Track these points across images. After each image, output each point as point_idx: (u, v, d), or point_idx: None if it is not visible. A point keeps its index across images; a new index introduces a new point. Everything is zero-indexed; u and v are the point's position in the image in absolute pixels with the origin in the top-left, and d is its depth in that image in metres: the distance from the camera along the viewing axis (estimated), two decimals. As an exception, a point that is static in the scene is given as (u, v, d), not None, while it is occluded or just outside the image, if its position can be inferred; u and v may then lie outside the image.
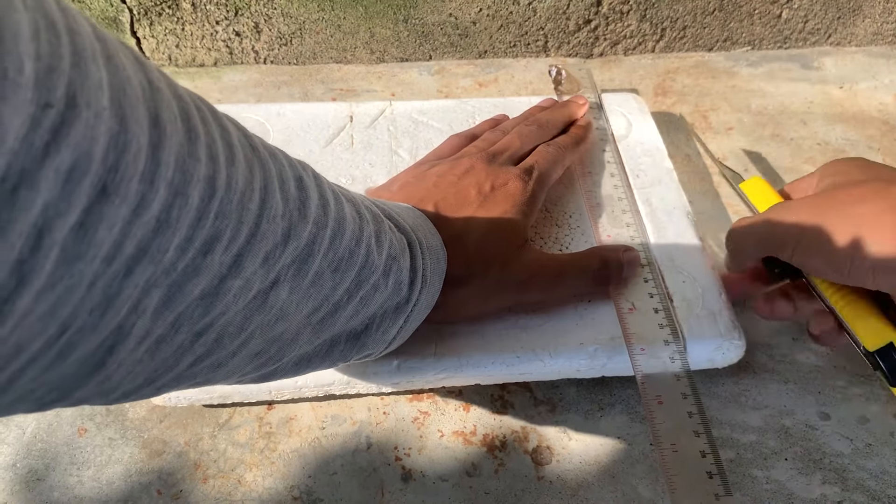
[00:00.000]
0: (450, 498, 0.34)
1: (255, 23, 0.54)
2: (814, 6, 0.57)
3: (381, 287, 0.27)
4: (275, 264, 0.21)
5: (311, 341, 0.26)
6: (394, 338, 0.31)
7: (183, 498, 0.34)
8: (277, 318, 0.23)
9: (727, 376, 0.39)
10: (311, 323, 0.25)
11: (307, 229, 0.22)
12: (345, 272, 0.25)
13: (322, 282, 0.24)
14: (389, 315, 0.29)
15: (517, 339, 0.36)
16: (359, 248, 0.25)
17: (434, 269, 0.31)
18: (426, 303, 0.31)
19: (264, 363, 0.25)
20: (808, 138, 0.52)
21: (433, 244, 0.32)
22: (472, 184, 0.37)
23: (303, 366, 0.27)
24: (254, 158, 0.20)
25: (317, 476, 0.35)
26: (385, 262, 0.27)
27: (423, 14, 0.55)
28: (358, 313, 0.27)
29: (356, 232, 0.25)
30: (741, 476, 0.35)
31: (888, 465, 0.35)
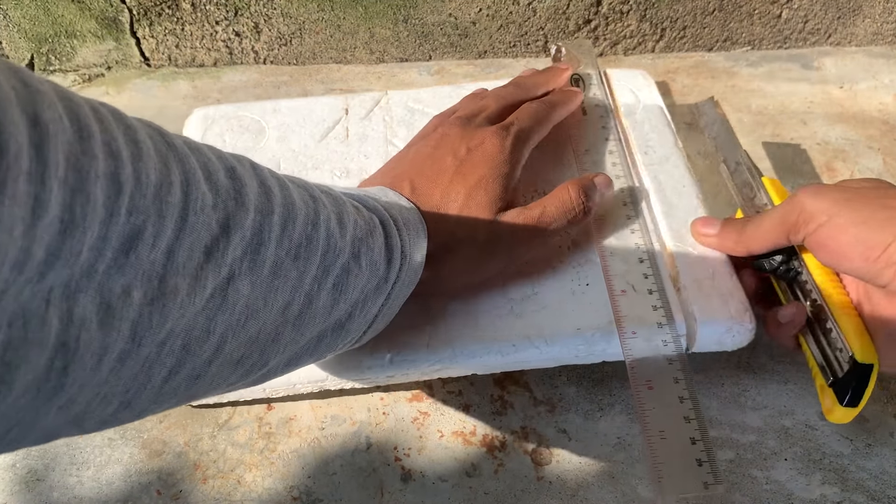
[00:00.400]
0: (449, 498, 0.34)
1: (254, 23, 0.54)
2: (814, 6, 0.57)
3: (354, 270, 0.27)
4: (222, 258, 0.21)
5: (295, 340, 0.26)
6: (375, 317, 0.30)
7: (182, 498, 0.34)
8: (247, 317, 0.22)
9: (727, 376, 0.39)
10: (288, 319, 0.25)
11: (249, 217, 0.22)
12: (307, 259, 0.25)
13: (284, 272, 0.24)
14: (371, 297, 0.29)
15: (512, 326, 0.35)
16: (317, 232, 0.25)
17: (414, 244, 0.31)
18: (408, 279, 0.31)
19: (249, 370, 0.24)
20: (808, 138, 0.52)
21: (410, 219, 0.32)
22: (447, 151, 0.36)
23: (292, 366, 0.27)
24: (169, 153, 0.20)
25: (316, 476, 0.35)
26: (352, 243, 0.27)
27: (422, 14, 0.55)
28: (338, 301, 0.27)
29: (310, 216, 0.25)
30: (741, 476, 0.35)
31: (888, 466, 0.35)
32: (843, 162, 0.50)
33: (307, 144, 0.45)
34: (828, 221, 0.32)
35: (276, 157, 0.44)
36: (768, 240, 0.35)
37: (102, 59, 0.56)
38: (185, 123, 0.47)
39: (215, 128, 0.46)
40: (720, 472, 0.31)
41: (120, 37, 0.54)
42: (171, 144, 0.20)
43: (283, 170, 0.44)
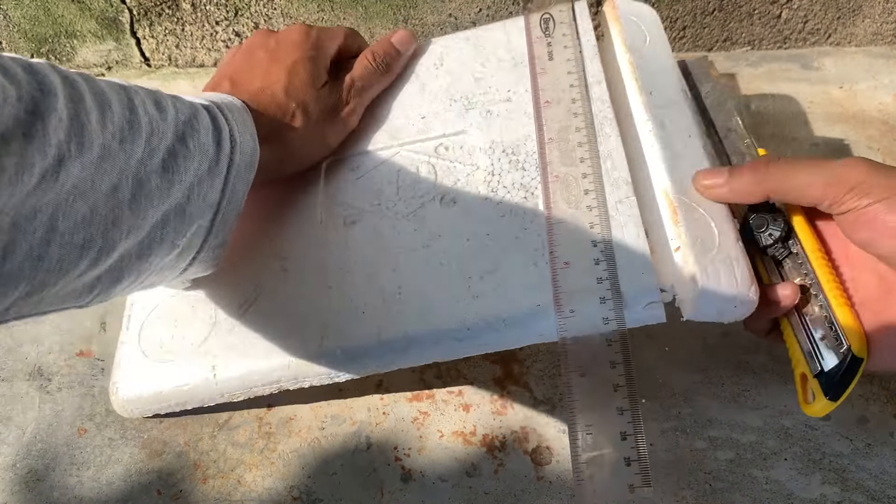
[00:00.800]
0: (449, 498, 0.34)
1: (255, 23, 0.54)
2: (813, 6, 0.57)
3: (182, 152, 0.29)
4: (44, 138, 0.22)
5: (137, 225, 0.27)
6: (218, 203, 0.32)
7: (183, 498, 0.34)
8: (75, 197, 0.24)
9: (727, 376, 0.39)
10: (122, 202, 0.26)
11: (59, 101, 0.23)
12: (132, 141, 0.26)
13: (113, 155, 0.25)
14: (205, 179, 0.31)
15: (467, 308, 0.33)
16: (135, 116, 0.27)
17: (242, 129, 0.33)
18: (244, 162, 0.33)
19: (98, 256, 0.26)
20: (808, 138, 0.52)
21: (233, 106, 0.34)
22: (257, 46, 0.39)
23: (145, 254, 0.29)
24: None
25: (316, 476, 0.35)
26: (175, 126, 0.29)
27: (422, 14, 0.55)
28: (172, 184, 0.29)
29: (125, 101, 0.27)
30: (741, 476, 0.35)
31: (888, 466, 0.35)
32: (842, 162, 0.51)
33: None
34: (887, 198, 0.29)
35: None
36: (800, 190, 0.32)
37: (103, 60, 0.56)
38: None
39: None
40: (649, 473, 0.28)
41: (120, 37, 0.54)
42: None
43: None
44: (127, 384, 0.36)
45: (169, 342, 0.36)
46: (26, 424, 0.37)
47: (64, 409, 0.38)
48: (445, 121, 0.40)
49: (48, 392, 0.39)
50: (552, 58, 0.41)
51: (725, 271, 0.32)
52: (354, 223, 0.38)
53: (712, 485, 0.34)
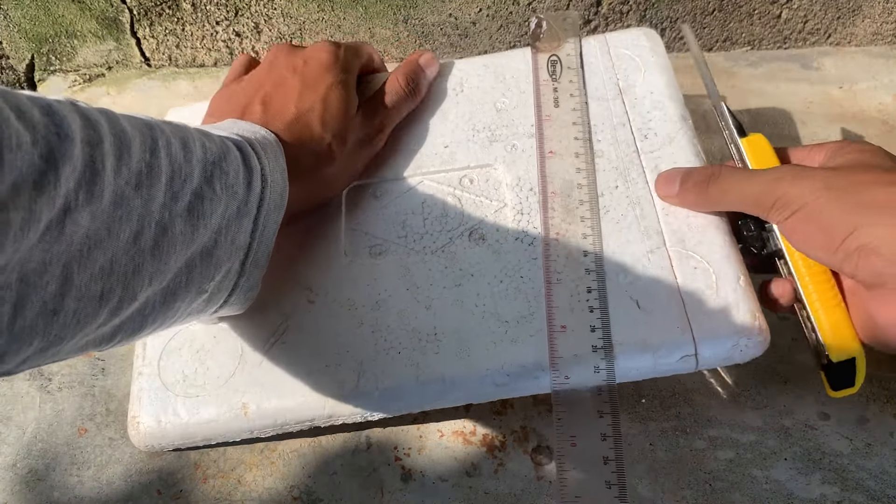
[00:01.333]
0: (449, 498, 0.34)
1: (255, 23, 0.54)
2: (813, 6, 0.57)
3: (209, 195, 0.27)
4: (55, 190, 0.21)
5: (160, 270, 0.26)
6: (249, 244, 0.30)
7: (183, 498, 0.34)
8: (90, 248, 0.23)
9: (727, 376, 0.39)
10: (144, 249, 0.25)
11: (76, 148, 0.22)
12: (150, 186, 0.25)
13: (127, 202, 0.24)
14: (233, 221, 0.29)
15: (505, 353, 0.33)
16: (157, 159, 0.25)
17: (274, 166, 0.32)
18: (274, 203, 0.32)
19: (118, 305, 0.24)
20: (807, 138, 0.52)
21: (266, 141, 0.32)
22: (283, 65, 0.37)
23: (170, 300, 0.27)
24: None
25: (316, 476, 0.35)
26: (202, 168, 0.27)
27: (422, 14, 0.55)
28: (197, 227, 0.27)
29: (147, 142, 0.25)
30: (741, 476, 0.35)
31: (888, 465, 0.35)
32: (842, 162, 0.51)
33: None
34: (800, 209, 0.30)
35: None
36: (738, 205, 0.33)
37: (103, 60, 0.56)
38: None
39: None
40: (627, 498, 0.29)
41: (120, 37, 0.54)
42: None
43: None
44: (150, 418, 0.34)
45: (193, 375, 0.35)
46: (27, 424, 0.37)
47: (64, 408, 0.38)
48: (469, 151, 0.40)
49: (48, 392, 0.39)
50: (558, 104, 0.40)
51: (724, 320, 0.32)
52: (381, 254, 0.37)
53: (712, 484, 0.35)
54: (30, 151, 0.20)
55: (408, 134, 0.41)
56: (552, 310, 0.33)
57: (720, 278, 0.33)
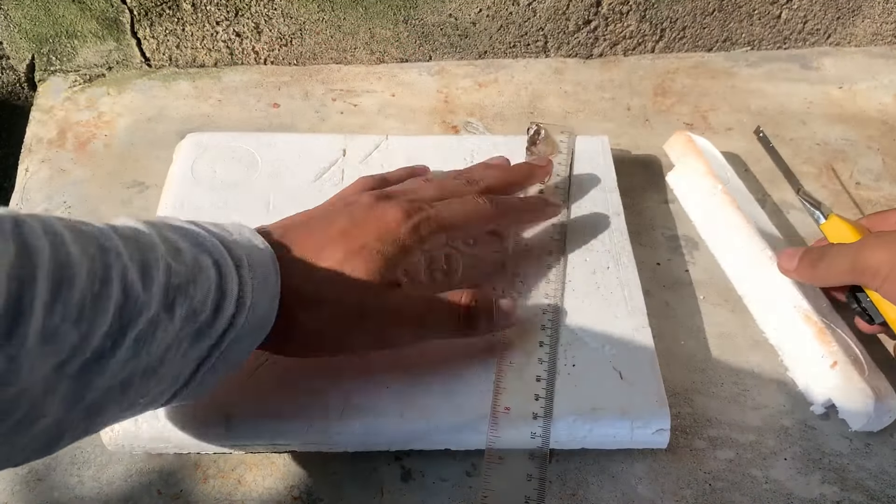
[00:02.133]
0: (449, 498, 0.34)
1: (255, 23, 0.54)
2: (813, 6, 0.57)
3: (164, 322, 0.24)
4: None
5: (79, 391, 0.23)
6: (203, 359, 0.27)
7: (183, 498, 0.34)
8: (3, 383, 0.20)
9: (727, 376, 0.39)
10: (65, 375, 0.22)
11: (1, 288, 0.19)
12: (93, 319, 0.22)
13: (60, 337, 0.21)
14: (186, 341, 0.26)
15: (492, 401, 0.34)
16: (107, 289, 0.22)
17: (261, 289, 0.28)
18: (252, 325, 0.28)
19: (20, 423, 0.21)
20: (807, 138, 0.52)
21: (260, 262, 0.29)
22: (346, 212, 0.34)
23: (94, 413, 0.24)
24: None
25: (317, 476, 0.35)
26: (163, 294, 0.24)
27: (422, 15, 0.55)
28: (138, 353, 0.24)
29: (96, 272, 0.22)
30: (740, 476, 0.35)
31: (887, 465, 0.35)
32: (842, 162, 0.51)
33: (300, 184, 0.44)
34: (890, 273, 0.33)
35: (265, 193, 0.43)
36: (840, 281, 0.37)
37: (103, 60, 0.56)
38: (176, 149, 0.46)
39: (206, 156, 0.45)
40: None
41: (121, 37, 0.54)
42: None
43: (273, 208, 0.42)
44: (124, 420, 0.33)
45: None
46: (27, 424, 0.37)
47: (64, 408, 0.38)
48: None
49: (49, 392, 0.39)
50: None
51: (883, 386, 0.36)
52: None
53: (712, 484, 0.35)
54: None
55: None
56: (499, 375, 0.35)
57: (862, 352, 0.37)
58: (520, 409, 0.34)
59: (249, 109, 0.53)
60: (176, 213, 0.42)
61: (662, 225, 0.46)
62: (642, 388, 0.35)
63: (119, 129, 0.51)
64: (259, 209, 0.42)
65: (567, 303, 0.38)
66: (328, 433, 0.33)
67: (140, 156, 0.50)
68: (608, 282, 0.39)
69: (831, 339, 0.37)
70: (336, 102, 0.54)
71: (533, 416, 0.33)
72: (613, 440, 0.34)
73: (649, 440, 0.34)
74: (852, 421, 0.36)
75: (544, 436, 0.33)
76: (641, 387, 0.35)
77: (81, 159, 0.49)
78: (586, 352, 0.36)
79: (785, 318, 0.39)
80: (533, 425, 0.33)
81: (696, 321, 0.41)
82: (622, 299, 0.39)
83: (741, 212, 0.42)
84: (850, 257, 0.36)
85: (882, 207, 0.48)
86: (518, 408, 0.34)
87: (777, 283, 0.39)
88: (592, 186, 0.44)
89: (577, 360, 0.36)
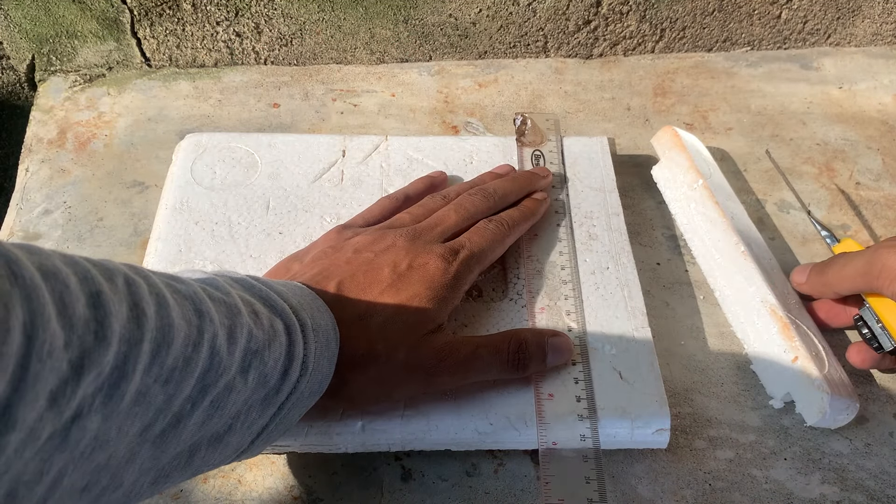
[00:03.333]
0: (449, 497, 0.34)
1: (255, 23, 0.54)
2: (813, 6, 0.57)
3: (238, 386, 0.25)
4: (69, 402, 0.18)
5: (156, 457, 0.23)
6: (264, 427, 0.28)
7: (183, 498, 0.34)
8: (93, 449, 0.20)
9: (727, 376, 0.39)
10: (147, 439, 0.22)
11: (111, 351, 0.19)
12: (180, 381, 0.22)
13: (149, 398, 0.21)
14: (255, 408, 0.26)
15: (491, 404, 0.34)
16: (198, 353, 0.23)
17: (322, 353, 0.29)
18: (311, 389, 0.29)
19: (100, 495, 0.21)
20: (807, 138, 0.52)
21: (321, 325, 0.29)
22: (388, 262, 0.34)
23: (161, 482, 0.24)
24: (13, 290, 0.17)
25: (317, 476, 0.35)
26: (241, 359, 0.25)
27: (423, 15, 0.55)
28: (211, 418, 0.24)
29: (191, 336, 0.23)
30: (741, 476, 0.35)
31: (887, 465, 0.35)
32: (842, 162, 0.51)
33: (299, 184, 0.44)
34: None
35: (266, 194, 0.43)
36: (852, 286, 0.37)
37: (103, 60, 0.56)
38: (176, 149, 0.46)
39: (206, 157, 0.45)
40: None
41: (121, 37, 0.54)
42: (17, 276, 0.17)
43: (273, 209, 0.42)
44: None
45: None
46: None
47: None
48: None
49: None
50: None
51: (839, 382, 0.36)
52: None
53: (712, 484, 0.35)
54: (59, 357, 0.17)
55: None
56: (539, 376, 0.35)
57: (824, 348, 0.37)
58: (565, 411, 0.34)
59: (249, 109, 0.53)
60: (176, 214, 0.42)
61: (662, 225, 0.46)
62: (642, 388, 0.35)
63: (119, 130, 0.51)
64: (259, 209, 0.42)
65: (567, 304, 0.38)
66: (329, 434, 0.33)
67: (140, 156, 0.50)
68: (608, 282, 0.39)
69: (794, 334, 0.37)
70: (336, 102, 0.54)
71: (579, 418, 0.34)
72: (613, 440, 0.34)
73: (649, 440, 0.34)
74: (808, 415, 0.36)
75: (594, 437, 0.33)
76: (641, 387, 0.35)
77: (81, 159, 0.49)
78: (586, 352, 0.36)
79: (752, 312, 0.38)
80: (580, 427, 0.34)
81: (696, 321, 0.41)
82: (622, 299, 0.39)
83: (718, 206, 0.42)
84: (864, 259, 0.35)
85: (882, 207, 0.48)
86: (563, 411, 0.34)
87: (747, 277, 0.39)
88: (592, 187, 0.45)
89: (577, 360, 0.36)
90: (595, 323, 0.38)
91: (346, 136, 0.47)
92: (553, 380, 0.35)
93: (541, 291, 0.39)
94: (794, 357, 0.36)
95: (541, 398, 0.34)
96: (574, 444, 0.33)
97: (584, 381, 0.35)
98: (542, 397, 0.34)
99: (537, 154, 0.46)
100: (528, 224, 0.41)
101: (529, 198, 0.42)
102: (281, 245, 0.41)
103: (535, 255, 0.41)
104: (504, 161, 0.46)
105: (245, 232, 0.41)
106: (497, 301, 0.39)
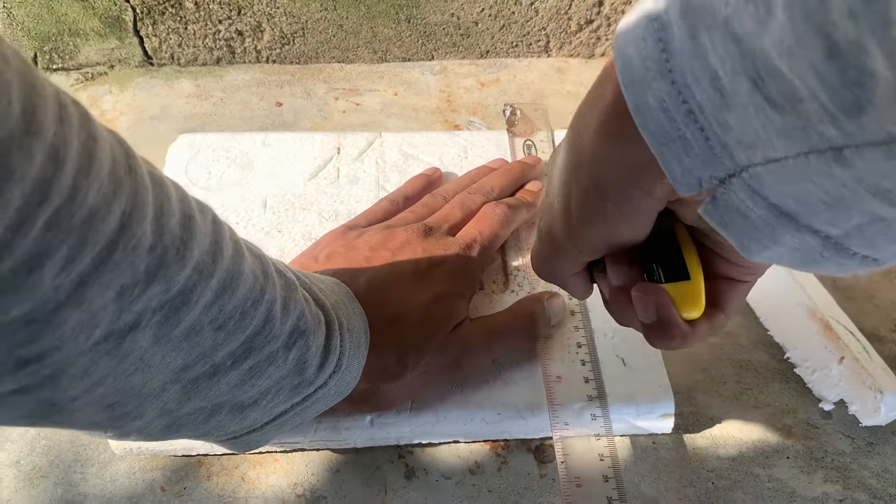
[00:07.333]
0: (452, 496, 0.34)
1: (257, 22, 0.54)
2: (815, 7, 0.57)
3: (279, 361, 0.25)
4: (132, 303, 0.19)
5: (181, 402, 0.23)
6: (282, 413, 0.27)
7: (187, 495, 0.34)
8: (136, 369, 0.20)
9: (729, 375, 0.39)
10: (180, 379, 0.22)
11: (184, 273, 0.20)
12: (231, 333, 0.23)
13: (199, 338, 0.22)
14: (285, 391, 0.26)
15: (499, 393, 0.34)
16: (255, 310, 0.23)
17: (354, 355, 0.29)
18: (337, 390, 0.29)
19: (120, 417, 0.22)
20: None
21: (355, 327, 0.29)
22: (408, 261, 0.34)
23: (173, 430, 0.24)
24: (126, 178, 0.18)
25: (320, 473, 0.35)
26: (289, 333, 0.25)
27: (425, 14, 0.55)
28: (244, 383, 0.24)
29: (255, 291, 0.23)
30: (743, 474, 0.35)
31: (889, 464, 0.35)
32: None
33: (296, 182, 0.44)
34: None
35: (262, 193, 0.43)
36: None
37: (105, 58, 0.56)
38: (169, 150, 0.46)
39: (201, 157, 0.45)
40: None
41: (123, 35, 0.54)
42: (133, 169, 0.18)
43: (270, 208, 0.42)
44: None
45: None
46: (30, 422, 0.37)
47: (67, 406, 0.38)
48: None
49: (51, 389, 0.39)
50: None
51: (890, 380, 0.35)
52: None
53: (715, 483, 0.35)
54: (141, 258, 0.18)
55: None
56: (546, 361, 0.36)
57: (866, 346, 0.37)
58: (575, 393, 0.34)
59: (251, 108, 0.53)
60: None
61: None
62: (645, 374, 0.35)
63: (121, 128, 0.51)
64: (256, 208, 0.42)
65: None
66: (337, 429, 0.33)
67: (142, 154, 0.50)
68: None
69: (837, 334, 0.37)
70: (338, 101, 0.54)
71: (588, 398, 0.34)
72: (619, 425, 0.34)
73: (654, 425, 0.35)
74: (863, 416, 0.36)
75: (604, 415, 0.34)
76: (644, 373, 0.35)
77: (84, 157, 0.49)
78: (591, 337, 0.37)
79: (789, 316, 0.39)
80: (591, 407, 0.34)
81: (699, 320, 0.41)
82: None
83: None
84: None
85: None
86: (573, 393, 0.34)
87: (781, 281, 0.39)
88: None
89: (582, 342, 0.37)
90: (597, 310, 0.38)
91: (341, 133, 0.47)
92: (560, 363, 0.36)
93: (541, 282, 0.39)
94: (841, 358, 0.36)
95: (549, 381, 0.35)
96: (586, 423, 0.34)
97: (591, 363, 0.36)
98: (551, 380, 0.35)
99: (528, 143, 0.46)
100: (528, 213, 0.41)
101: (525, 189, 0.42)
102: (280, 243, 0.41)
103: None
104: (498, 154, 0.46)
105: (244, 231, 0.41)
106: (499, 294, 0.39)
